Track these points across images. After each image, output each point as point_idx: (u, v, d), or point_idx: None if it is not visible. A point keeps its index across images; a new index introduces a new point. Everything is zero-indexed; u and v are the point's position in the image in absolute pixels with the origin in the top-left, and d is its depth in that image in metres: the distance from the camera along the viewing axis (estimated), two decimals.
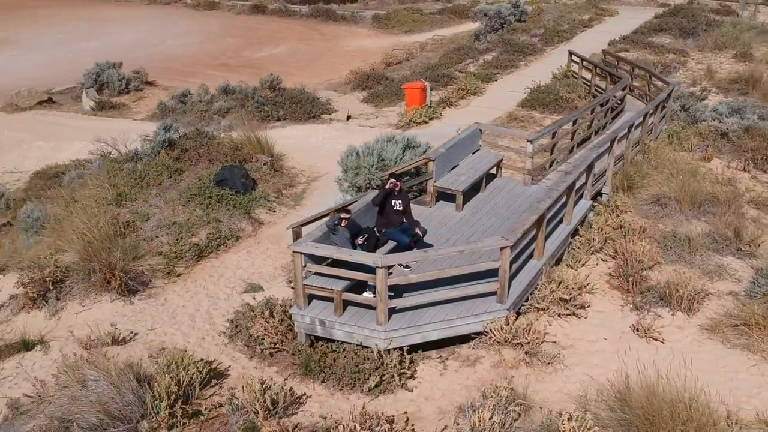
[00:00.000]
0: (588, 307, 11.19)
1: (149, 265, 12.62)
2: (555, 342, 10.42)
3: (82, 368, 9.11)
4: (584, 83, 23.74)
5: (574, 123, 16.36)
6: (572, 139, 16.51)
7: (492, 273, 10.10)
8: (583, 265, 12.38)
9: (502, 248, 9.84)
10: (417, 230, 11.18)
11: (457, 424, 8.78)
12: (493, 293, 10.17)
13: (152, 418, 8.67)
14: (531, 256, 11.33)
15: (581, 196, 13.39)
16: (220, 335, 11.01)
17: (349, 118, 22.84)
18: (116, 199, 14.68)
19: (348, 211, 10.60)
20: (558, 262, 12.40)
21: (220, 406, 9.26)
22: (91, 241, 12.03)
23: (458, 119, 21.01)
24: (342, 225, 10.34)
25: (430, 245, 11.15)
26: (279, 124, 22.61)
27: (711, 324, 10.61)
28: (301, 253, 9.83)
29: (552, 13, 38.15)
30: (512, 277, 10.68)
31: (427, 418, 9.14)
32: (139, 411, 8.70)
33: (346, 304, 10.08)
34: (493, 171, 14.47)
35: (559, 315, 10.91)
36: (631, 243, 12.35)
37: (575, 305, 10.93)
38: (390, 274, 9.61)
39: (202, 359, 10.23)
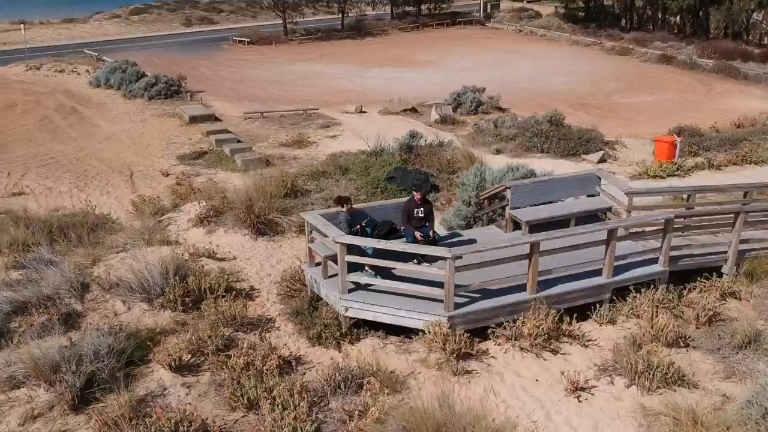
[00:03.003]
0: (560, 353, 11.06)
1: (289, 219, 16.24)
2: (489, 365, 10.82)
3: (155, 259, 13.20)
4: None
5: (746, 195, 14.53)
6: None
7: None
8: (611, 323, 11.89)
9: (446, 259, 10.77)
10: (432, 233, 12.56)
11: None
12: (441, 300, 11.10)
13: (163, 298, 12.32)
14: (524, 287, 11.59)
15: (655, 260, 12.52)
16: (279, 275, 14.04)
17: (602, 161, 22.93)
18: (314, 174, 18.67)
19: (349, 199, 12.59)
20: (589, 311, 12.14)
21: None
22: (251, 193, 16.19)
23: (705, 181, 19.62)
24: (344, 209, 12.36)
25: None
26: (538, 155, 23.96)
27: (660, 410, 9.61)
28: (306, 220, 12.32)
29: None
30: (483, 295, 11.36)
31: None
32: (159, 291, 12.41)
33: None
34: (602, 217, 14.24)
35: (521, 348, 11.10)
36: (660, 317, 11.40)
37: (536, 345, 10.96)
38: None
39: (250, 286, 13.54)
